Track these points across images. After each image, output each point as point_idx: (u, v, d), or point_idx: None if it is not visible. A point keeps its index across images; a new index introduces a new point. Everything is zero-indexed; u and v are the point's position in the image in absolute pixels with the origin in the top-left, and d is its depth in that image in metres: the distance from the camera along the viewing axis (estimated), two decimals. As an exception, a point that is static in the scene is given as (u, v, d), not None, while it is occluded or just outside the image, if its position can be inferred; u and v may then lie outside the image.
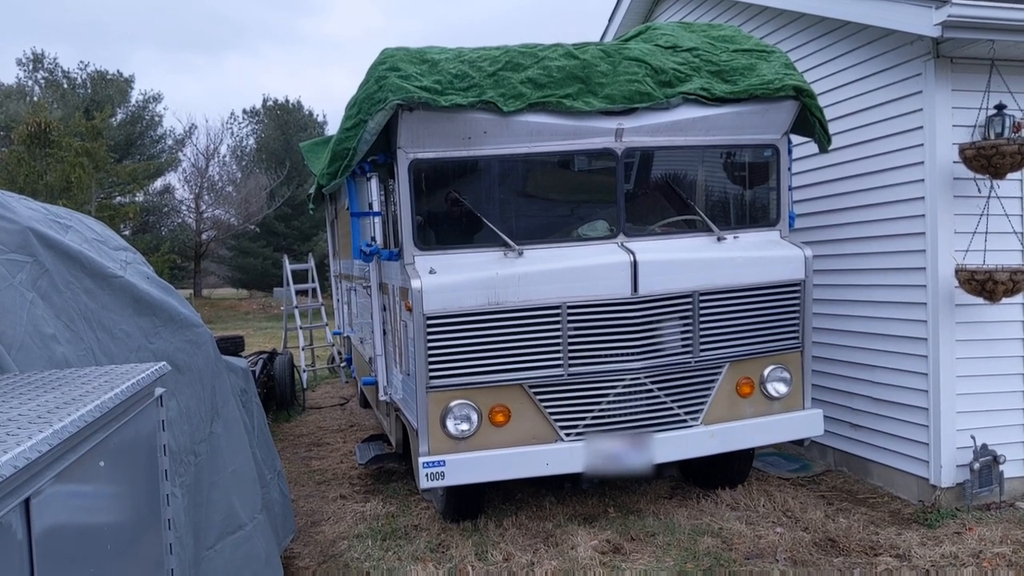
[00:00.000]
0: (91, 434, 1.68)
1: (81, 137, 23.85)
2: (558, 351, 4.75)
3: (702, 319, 4.96)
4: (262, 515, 3.92)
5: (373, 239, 5.16)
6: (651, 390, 4.88)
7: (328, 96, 76.45)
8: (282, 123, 40.66)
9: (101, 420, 1.72)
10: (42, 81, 34.97)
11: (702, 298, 4.95)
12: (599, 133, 4.91)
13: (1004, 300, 4.97)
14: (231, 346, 9.11)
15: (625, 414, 4.86)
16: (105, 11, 76.07)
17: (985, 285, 4.88)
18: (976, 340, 5.25)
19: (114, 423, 1.85)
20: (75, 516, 1.62)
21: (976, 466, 5.16)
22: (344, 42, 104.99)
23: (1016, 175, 5.13)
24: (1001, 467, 5.22)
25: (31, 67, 35.07)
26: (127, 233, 28.35)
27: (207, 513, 3.47)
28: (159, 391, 2.26)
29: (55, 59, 36.84)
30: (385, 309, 5.69)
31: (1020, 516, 5.09)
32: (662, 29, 5.71)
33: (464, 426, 4.70)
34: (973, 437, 5.21)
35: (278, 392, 9.64)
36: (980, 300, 5.01)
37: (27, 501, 1.36)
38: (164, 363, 2.32)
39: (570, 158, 5.12)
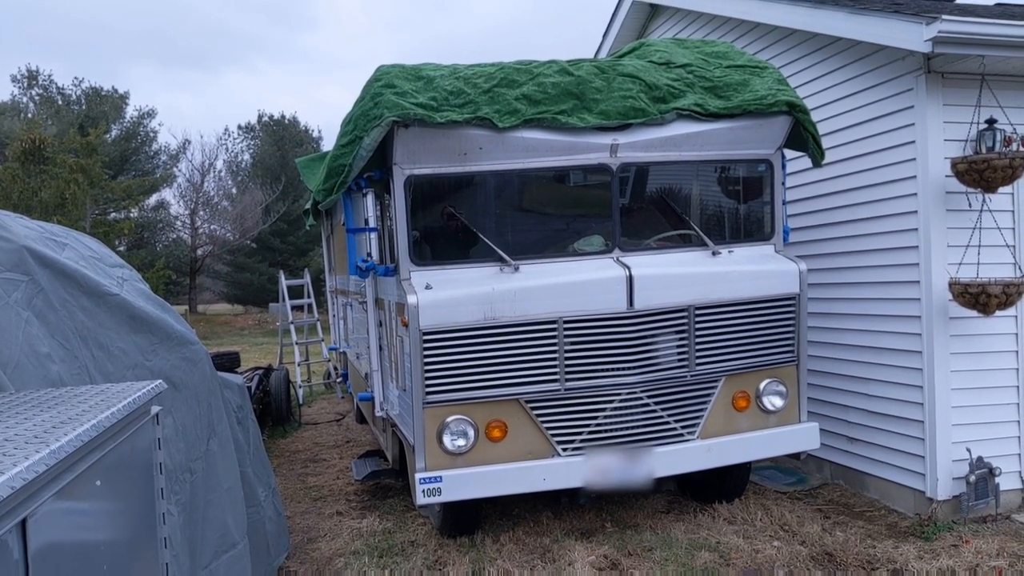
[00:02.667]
0: (87, 453, 1.68)
1: (76, 153, 23.86)
2: (554, 366, 4.75)
3: (698, 333, 4.97)
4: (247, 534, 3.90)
5: (369, 255, 5.16)
6: (647, 404, 4.88)
7: (324, 111, 76.72)
8: (278, 138, 40.77)
9: (98, 439, 1.72)
10: (37, 98, 35.05)
11: (698, 312, 4.96)
12: (594, 149, 4.94)
13: (998, 313, 5.00)
14: (227, 362, 9.09)
15: (622, 429, 4.85)
16: (100, 27, 76.39)
17: (979, 298, 4.91)
18: (970, 353, 5.27)
19: (110, 442, 1.84)
20: (71, 535, 1.61)
21: (972, 479, 5.16)
22: (341, 57, 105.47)
23: (1008, 189, 5.17)
24: (997, 479, 5.22)
25: (26, 84, 35.16)
26: (122, 249, 28.33)
27: (203, 531, 3.45)
28: (155, 409, 2.26)
29: (50, 76, 36.95)
30: (381, 325, 5.69)
31: (1016, 528, 5.09)
32: (656, 45, 5.76)
33: (461, 442, 4.69)
34: (969, 450, 5.21)
35: (274, 408, 9.60)
36: (974, 313, 5.04)
37: (24, 521, 1.35)
38: (160, 381, 2.32)
39: (565, 174, 5.14)
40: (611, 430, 4.84)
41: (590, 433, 4.82)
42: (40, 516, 1.42)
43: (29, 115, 32.41)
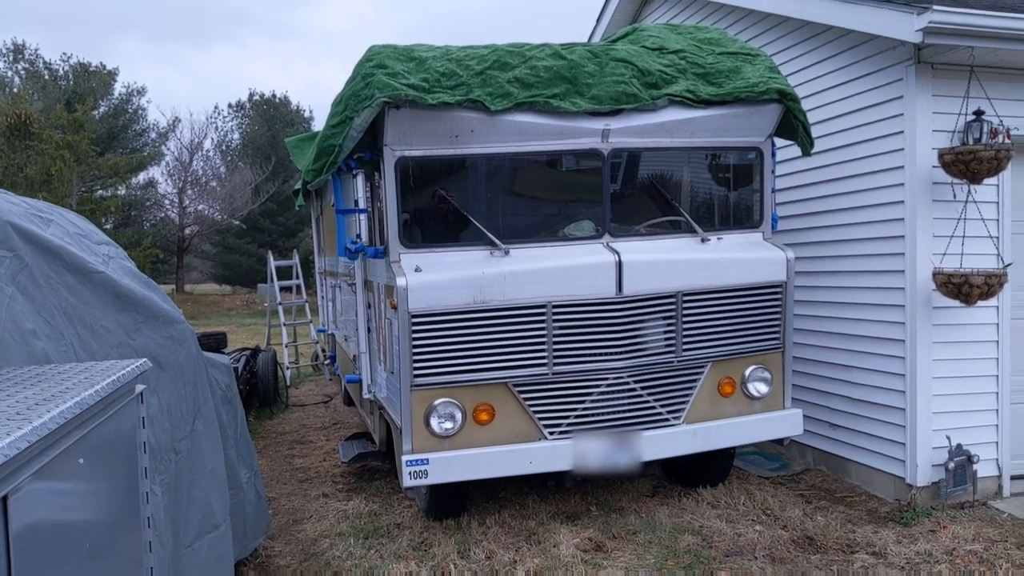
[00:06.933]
0: (70, 431, 1.67)
1: (62, 130, 23.60)
2: (543, 350, 4.76)
3: (685, 319, 4.99)
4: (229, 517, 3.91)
5: (358, 236, 5.15)
6: (634, 389, 4.91)
7: (316, 91, 76.04)
8: (268, 118, 40.45)
9: (80, 417, 1.71)
10: (23, 72, 34.52)
11: (685, 298, 4.98)
12: (586, 133, 4.93)
13: (979, 303, 5.05)
14: (214, 342, 9.05)
15: (608, 413, 4.88)
16: None
17: (961, 288, 4.95)
18: (952, 342, 5.32)
19: (93, 420, 1.84)
20: (54, 514, 1.61)
21: (951, 466, 5.24)
22: (334, 35, 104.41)
23: (993, 180, 5.20)
24: (975, 466, 5.30)
25: (11, 58, 34.63)
26: (109, 227, 28.11)
27: (187, 511, 3.45)
28: (139, 388, 2.25)
29: (36, 50, 36.51)
30: (370, 307, 5.68)
31: (992, 514, 5.17)
32: (649, 31, 5.73)
33: (448, 424, 4.71)
34: (948, 437, 5.28)
35: (261, 389, 9.58)
36: (956, 303, 5.08)
37: (4, 499, 1.35)
38: (145, 360, 2.31)
39: (557, 158, 5.13)
40: (598, 414, 4.87)
41: (577, 417, 4.85)
42: (22, 494, 1.42)
43: (15, 90, 31.93)
